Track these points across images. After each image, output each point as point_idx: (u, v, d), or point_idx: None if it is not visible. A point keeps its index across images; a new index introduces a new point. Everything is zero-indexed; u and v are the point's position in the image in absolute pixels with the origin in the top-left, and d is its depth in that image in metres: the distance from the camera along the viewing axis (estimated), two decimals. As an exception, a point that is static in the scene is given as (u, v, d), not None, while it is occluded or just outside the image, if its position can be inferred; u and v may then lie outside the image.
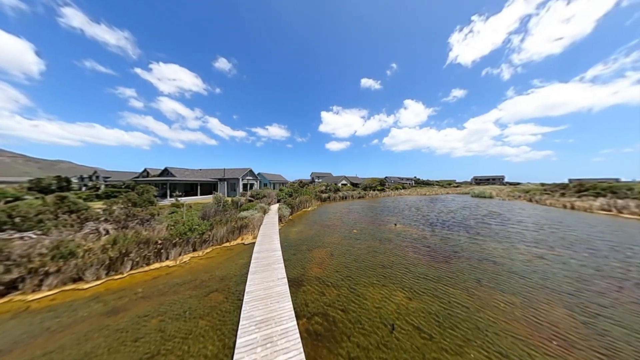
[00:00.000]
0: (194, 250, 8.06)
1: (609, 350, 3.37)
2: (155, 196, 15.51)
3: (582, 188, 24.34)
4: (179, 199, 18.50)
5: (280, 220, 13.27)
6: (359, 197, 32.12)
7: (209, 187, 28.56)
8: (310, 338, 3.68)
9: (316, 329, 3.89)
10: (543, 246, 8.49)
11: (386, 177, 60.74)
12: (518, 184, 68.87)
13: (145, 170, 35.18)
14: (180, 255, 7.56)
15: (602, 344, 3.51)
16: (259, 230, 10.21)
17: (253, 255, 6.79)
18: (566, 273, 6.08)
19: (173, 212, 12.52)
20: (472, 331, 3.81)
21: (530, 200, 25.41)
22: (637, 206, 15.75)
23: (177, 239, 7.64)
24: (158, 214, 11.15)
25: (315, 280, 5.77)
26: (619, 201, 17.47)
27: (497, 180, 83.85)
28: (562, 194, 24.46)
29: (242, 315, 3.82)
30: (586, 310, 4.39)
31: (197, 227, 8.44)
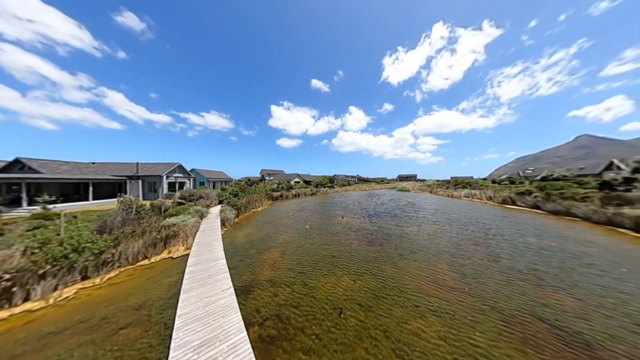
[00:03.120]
0: (85, 278, 5.72)
1: (467, 287, 5.24)
2: (-6, 205, 9.65)
3: (456, 183, 36.19)
4: (51, 206, 12.40)
5: (223, 224, 11.64)
6: (312, 194, 33.14)
7: (110, 188, 20.84)
8: (263, 344, 3.50)
9: (269, 333, 3.75)
10: (437, 225, 11.96)
11: (335, 174, 65.80)
12: (424, 180, 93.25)
13: (-37, 162, 21.13)
14: (55, 289, 5.15)
15: (464, 284, 5.41)
16: (194, 239, 8.53)
17: (187, 270, 5.62)
18: (448, 242, 8.87)
19: (38, 227, 8.27)
20: (397, 295, 4.86)
21: (431, 192, 35.19)
22: (481, 194, 25.10)
23: (49, 266, 5.15)
24: (1, 234, 7.05)
25: (267, 283, 5.51)
26: (473, 191, 27.20)
27: (412, 178, 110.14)
28: (447, 187, 35.38)
29: (172, 346, 3.11)
30: (457, 264, 6.60)
31: (88, 244, 6.01)
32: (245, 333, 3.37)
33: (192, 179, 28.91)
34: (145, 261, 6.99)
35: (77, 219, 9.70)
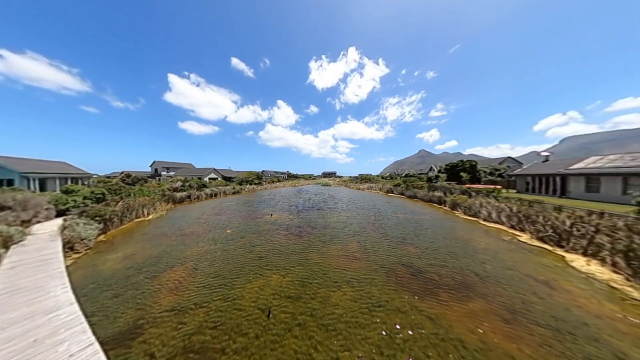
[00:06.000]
0: None
1: (368, 256, 6.97)
2: None
3: (362, 178, 46.99)
4: None
5: (71, 248, 7.26)
6: (234, 193, 28.83)
7: None
8: (160, 396, 2.61)
9: (172, 376, 2.86)
10: (349, 212, 14.81)
11: (263, 170, 61.79)
12: (342, 176, 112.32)
13: None
14: None
15: (366, 254, 7.14)
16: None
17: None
18: (357, 225, 11.28)
19: None
20: (321, 278, 5.48)
21: (346, 186, 43.09)
22: (375, 186, 34.17)
23: None
24: None
25: (167, 314, 4.15)
26: (371, 184, 36.43)
27: (333, 175, 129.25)
28: (356, 182, 45.05)
29: None
30: (362, 241, 8.57)
31: None
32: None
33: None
34: None
35: None
